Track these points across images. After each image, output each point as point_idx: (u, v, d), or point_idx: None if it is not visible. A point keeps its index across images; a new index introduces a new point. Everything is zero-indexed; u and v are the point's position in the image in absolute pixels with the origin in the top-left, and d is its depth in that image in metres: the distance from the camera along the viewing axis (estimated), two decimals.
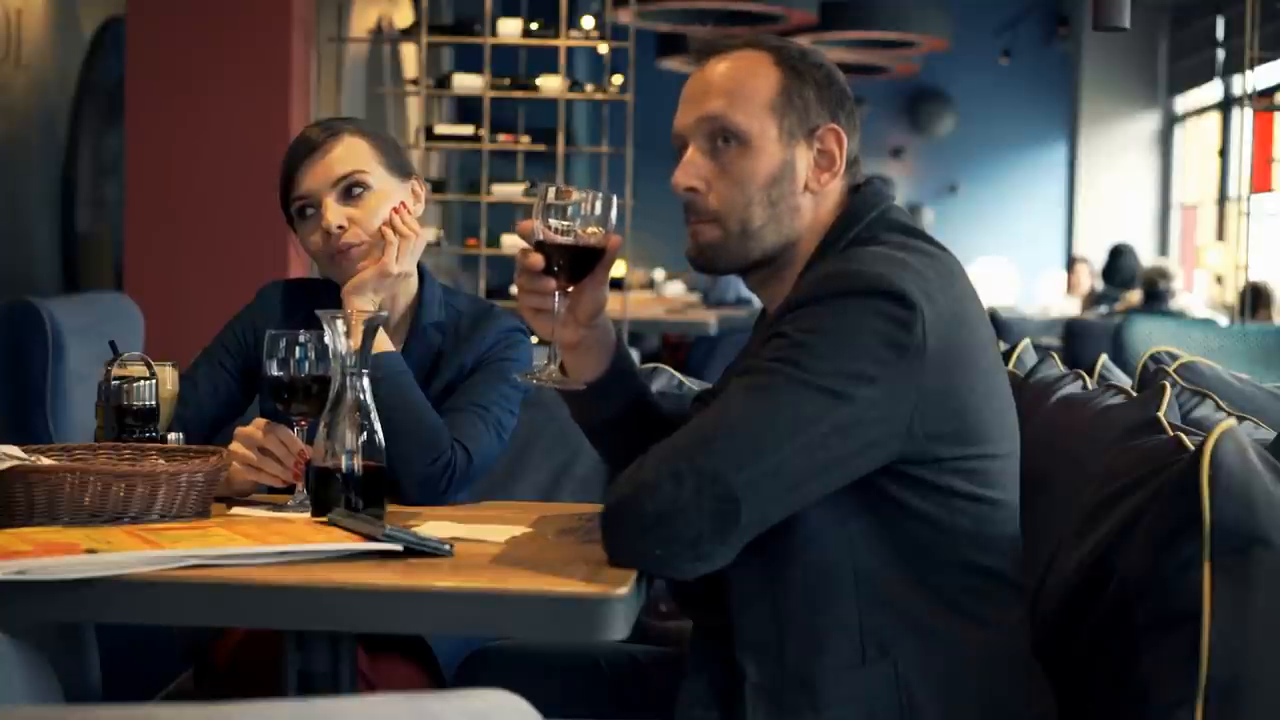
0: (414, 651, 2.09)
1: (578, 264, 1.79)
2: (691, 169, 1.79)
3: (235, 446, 2.00)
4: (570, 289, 1.80)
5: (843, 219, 1.79)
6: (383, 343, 2.08)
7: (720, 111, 1.78)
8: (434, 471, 2.07)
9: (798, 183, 1.79)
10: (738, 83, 1.78)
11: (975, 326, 1.71)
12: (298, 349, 1.95)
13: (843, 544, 1.66)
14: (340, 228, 2.17)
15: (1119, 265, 9.57)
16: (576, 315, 1.84)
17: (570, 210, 1.77)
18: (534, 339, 1.82)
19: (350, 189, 2.19)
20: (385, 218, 2.19)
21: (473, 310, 2.29)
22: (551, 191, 1.78)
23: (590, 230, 1.77)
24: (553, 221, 1.76)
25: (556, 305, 1.80)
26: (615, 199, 1.80)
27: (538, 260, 1.78)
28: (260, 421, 2.03)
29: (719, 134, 1.78)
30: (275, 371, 1.96)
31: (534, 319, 1.84)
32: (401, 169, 2.25)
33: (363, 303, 2.13)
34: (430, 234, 2.29)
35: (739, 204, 1.78)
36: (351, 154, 2.21)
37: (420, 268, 2.28)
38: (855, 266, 1.67)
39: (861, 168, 1.85)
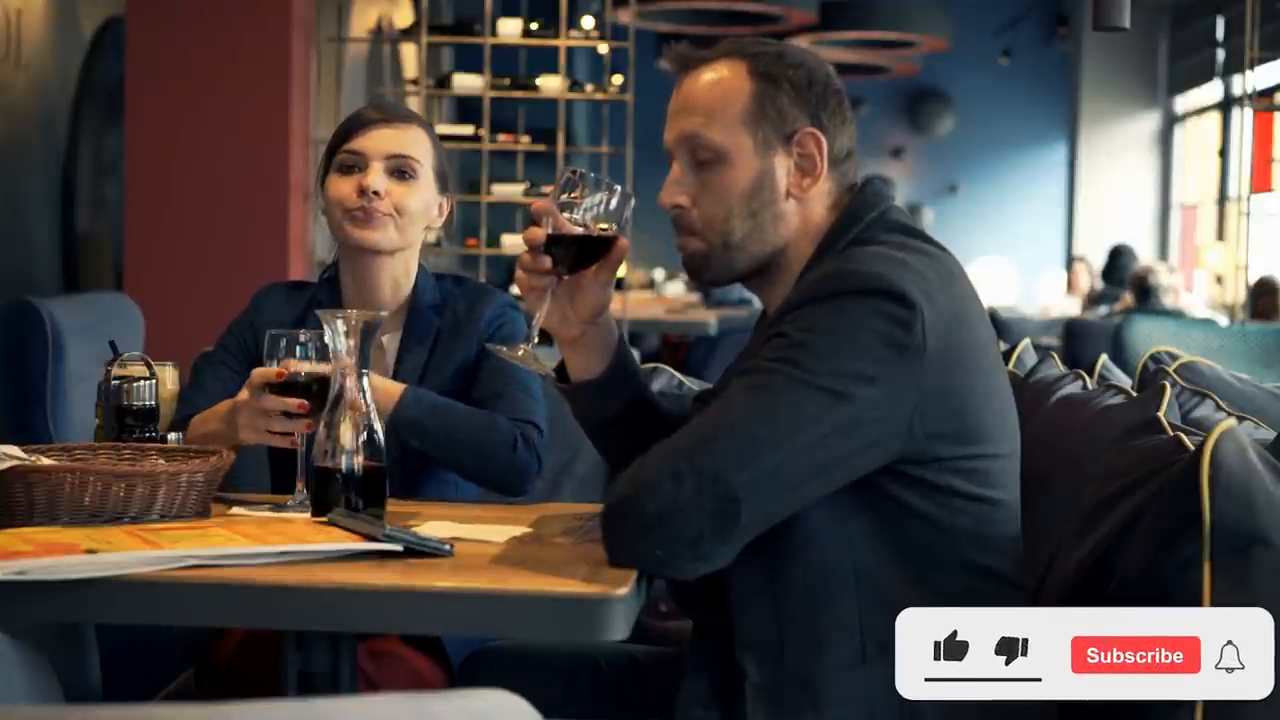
0: (421, 650, 2.10)
1: (579, 254, 1.80)
2: (675, 187, 1.80)
3: (244, 394, 1.98)
4: (565, 277, 1.80)
5: (842, 220, 1.79)
6: (389, 391, 2.09)
7: (695, 129, 1.78)
8: (517, 454, 2.15)
9: (778, 191, 1.79)
10: (712, 99, 1.79)
11: (975, 326, 1.71)
12: (298, 349, 1.95)
13: (843, 543, 1.66)
14: (376, 193, 2.19)
15: (1118, 265, 9.57)
16: (578, 311, 1.84)
17: (587, 203, 1.78)
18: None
19: (401, 169, 2.24)
20: (417, 207, 2.23)
21: (464, 292, 2.33)
22: (570, 176, 1.79)
23: (600, 226, 1.78)
24: (565, 201, 1.78)
25: (550, 288, 1.81)
26: (632, 199, 1.81)
27: (538, 234, 1.79)
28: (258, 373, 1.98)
29: (697, 151, 1.79)
30: None
31: (528, 293, 1.84)
32: (443, 181, 2.31)
33: None
34: (431, 235, 2.33)
35: (719, 218, 1.78)
36: (416, 142, 2.27)
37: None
38: (854, 266, 1.67)
39: (856, 163, 1.84)
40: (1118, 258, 9.65)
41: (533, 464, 2.17)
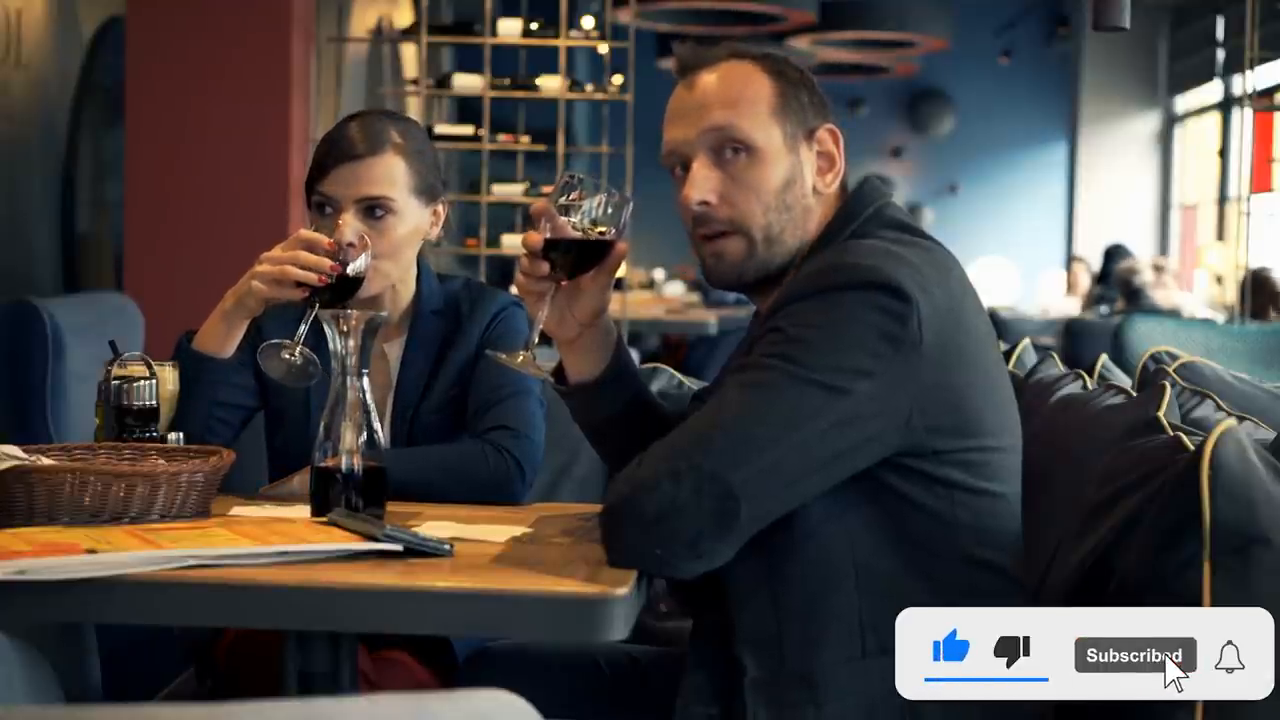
0: (422, 650, 2.10)
1: (578, 258, 1.80)
2: (704, 183, 1.78)
3: (277, 249, 2.06)
4: (565, 281, 1.81)
5: (839, 216, 1.80)
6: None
7: (725, 122, 1.77)
8: (491, 466, 2.12)
9: (806, 185, 1.79)
10: (736, 93, 1.79)
11: (972, 320, 1.72)
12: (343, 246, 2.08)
13: (842, 538, 1.66)
14: (350, 244, 2.17)
15: (1112, 266, 9.57)
16: (576, 314, 1.84)
17: (585, 206, 1.78)
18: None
19: (373, 209, 2.19)
20: (399, 240, 2.20)
21: (467, 293, 2.31)
22: (568, 180, 1.79)
23: (599, 230, 1.78)
24: (564, 205, 1.78)
25: (550, 292, 1.81)
26: (630, 203, 1.81)
27: (536, 239, 1.79)
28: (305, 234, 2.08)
29: (726, 145, 1.78)
30: None
31: (527, 297, 1.85)
32: (429, 193, 2.24)
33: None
34: (432, 234, 2.31)
35: (757, 212, 1.77)
36: (386, 175, 2.19)
37: (420, 261, 2.29)
38: (850, 260, 1.67)
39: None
40: (1111, 259, 9.65)
41: (509, 468, 2.13)
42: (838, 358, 1.61)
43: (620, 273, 1.87)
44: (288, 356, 2.04)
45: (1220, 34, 11.49)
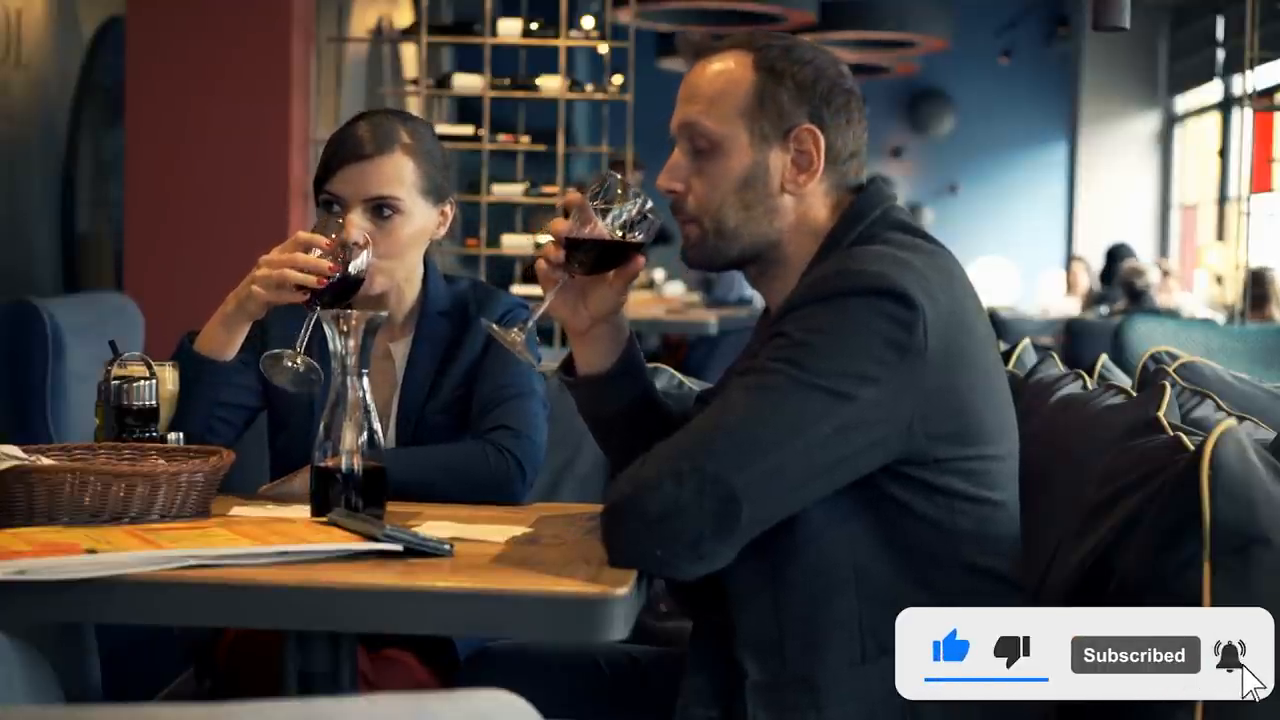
0: (422, 650, 2.10)
1: (597, 259, 1.82)
2: (671, 172, 1.83)
3: (274, 252, 2.06)
4: (578, 275, 1.82)
5: (845, 219, 1.79)
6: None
7: (695, 118, 1.80)
8: (492, 466, 2.12)
9: (772, 185, 1.79)
10: (714, 89, 1.80)
11: (974, 325, 1.72)
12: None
13: (843, 543, 1.66)
14: (357, 244, 2.16)
15: (1115, 266, 9.57)
16: (589, 307, 1.86)
17: (616, 210, 1.81)
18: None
19: (381, 208, 2.19)
20: (405, 240, 2.20)
21: (474, 294, 2.31)
22: (607, 180, 1.83)
23: (624, 235, 1.81)
24: (596, 204, 1.80)
25: (561, 281, 1.83)
26: (659, 221, 1.84)
27: (560, 227, 1.82)
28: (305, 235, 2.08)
29: (695, 139, 1.81)
30: None
31: (542, 279, 1.86)
32: (437, 193, 2.24)
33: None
34: (438, 234, 2.31)
35: (713, 205, 1.80)
36: (395, 174, 2.19)
37: (426, 261, 2.29)
38: (857, 266, 1.67)
39: (861, 163, 1.84)
40: (1114, 259, 9.64)
41: (510, 469, 2.14)
42: (843, 363, 1.61)
43: None
44: (290, 364, 2.04)
45: (1220, 34, 11.49)
